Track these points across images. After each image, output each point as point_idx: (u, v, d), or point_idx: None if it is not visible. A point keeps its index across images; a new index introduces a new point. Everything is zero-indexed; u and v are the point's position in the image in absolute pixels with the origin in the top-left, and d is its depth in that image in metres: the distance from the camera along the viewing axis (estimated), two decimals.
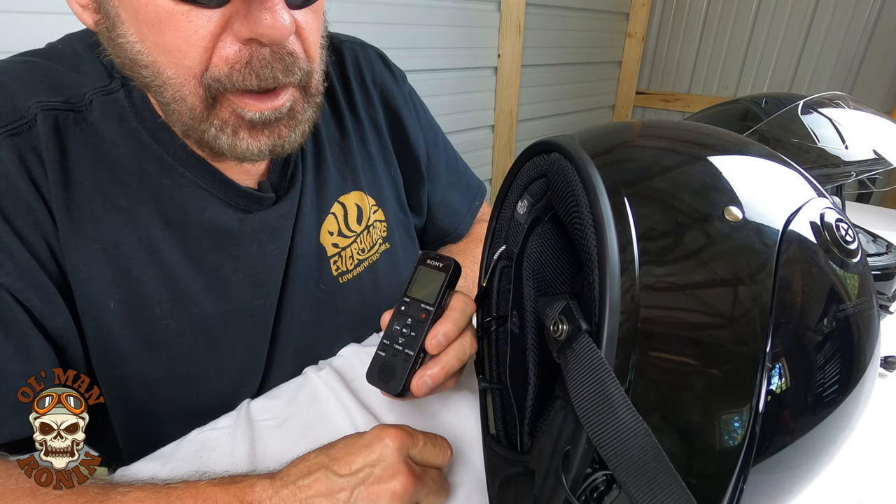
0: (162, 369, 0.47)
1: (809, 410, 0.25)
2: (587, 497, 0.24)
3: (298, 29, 0.38)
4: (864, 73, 1.83)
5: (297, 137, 0.42)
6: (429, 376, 0.40)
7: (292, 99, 0.41)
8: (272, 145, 0.41)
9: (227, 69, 0.36)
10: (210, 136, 0.39)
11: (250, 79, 0.37)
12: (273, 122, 0.40)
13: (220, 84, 0.37)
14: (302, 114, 0.42)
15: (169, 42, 0.35)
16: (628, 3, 2.25)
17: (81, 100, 0.42)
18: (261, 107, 0.39)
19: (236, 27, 0.35)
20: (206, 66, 0.36)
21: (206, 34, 0.35)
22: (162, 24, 0.34)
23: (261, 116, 0.39)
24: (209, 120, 0.39)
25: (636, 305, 0.23)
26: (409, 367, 0.40)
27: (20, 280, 0.38)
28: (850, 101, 0.65)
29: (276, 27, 0.35)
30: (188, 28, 0.34)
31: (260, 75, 0.37)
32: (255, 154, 0.41)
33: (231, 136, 0.39)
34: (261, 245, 0.49)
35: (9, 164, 0.38)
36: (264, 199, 0.48)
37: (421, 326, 0.41)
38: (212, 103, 0.38)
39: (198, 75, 0.36)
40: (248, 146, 0.40)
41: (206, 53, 0.36)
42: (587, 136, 0.32)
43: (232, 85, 0.37)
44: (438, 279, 0.43)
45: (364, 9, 1.31)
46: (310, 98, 0.43)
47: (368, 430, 0.37)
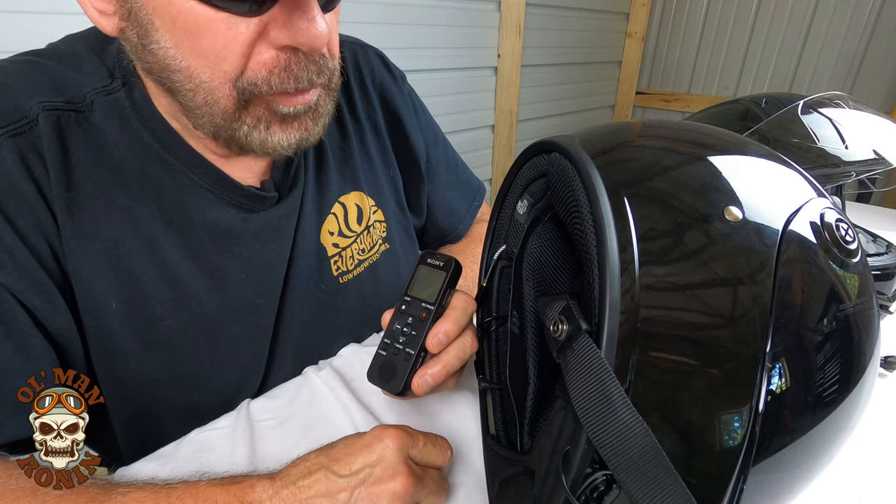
0: (163, 369, 0.47)
1: (809, 410, 0.25)
2: (587, 497, 0.24)
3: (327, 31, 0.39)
4: (864, 73, 1.83)
5: (319, 130, 0.44)
6: (430, 375, 0.40)
7: (319, 94, 0.42)
8: (300, 138, 0.42)
9: (265, 73, 0.37)
10: (242, 134, 0.40)
11: (288, 82, 0.38)
12: (301, 115, 0.41)
13: (256, 87, 0.38)
14: (324, 107, 0.44)
15: (207, 48, 0.36)
16: (628, 3, 2.25)
17: (83, 100, 0.42)
18: (294, 101, 0.40)
19: (273, 34, 0.36)
20: (242, 71, 0.37)
21: (245, 40, 0.36)
22: (201, 30, 0.35)
23: (293, 110, 0.40)
24: (241, 119, 0.40)
25: (636, 305, 0.23)
26: (409, 366, 0.40)
27: (21, 280, 0.38)
28: (850, 101, 0.65)
29: (316, 36, 0.36)
30: (227, 34, 0.35)
31: (298, 78, 0.38)
32: (284, 147, 0.42)
33: (264, 131, 0.41)
34: (263, 245, 0.49)
35: (11, 165, 0.38)
36: (267, 199, 0.48)
37: (422, 325, 0.41)
38: (244, 105, 0.39)
39: (233, 79, 0.37)
40: (280, 140, 0.41)
41: (243, 59, 0.36)
42: (587, 136, 0.32)
43: (269, 88, 0.38)
44: (439, 278, 0.43)
45: (364, 9, 1.31)
46: (330, 92, 0.44)
47: (369, 431, 0.37)
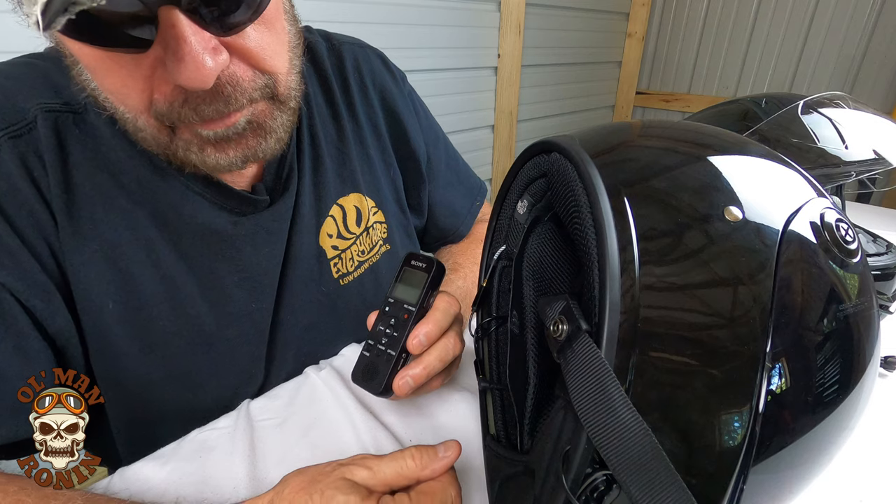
0: (160, 370, 0.47)
1: (809, 410, 0.25)
2: (587, 497, 0.24)
3: (242, 51, 0.36)
4: (864, 73, 1.83)
5: (270, 145, 0.41)
6: (410, 376, 0.40)
7: (250, 114, 0.39)
8: (243, 156, 0.40)
9: (167, 106, 0.35)
10: (180, 155, 0.39)
11: (191, 115, 0.35)
12: (234, 136, 0.38)
13: (166, 118, 0.36)
14: (271, 122, 0.40)
15: (109, 85, 0.35)
16: (628, 3, 2.25)
17: (78, 102, 0.42)
18: (213, 126, 0.37)
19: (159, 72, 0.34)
20: (150, 102, 0.35)
21: (139, 76, 0.34)
22: (97, 69, 0.34)
23: (216, 134, 0.38)
24: (174, 142, 0.38)
25: (636, 305, 0.23)
26: (390, 367, 0.41)
27: (21, 280, 0.39)
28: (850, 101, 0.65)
29: (193, 77, 0.32)
30: (121, 72, 0.34)
31: (198, 111, 0.35)
32: (225, 167, 0.40)
33: (199, 152, 0.38)
34: (256, 248, 0.49)
35: (10, 166, 0.38)
36: (258, 202, 0.48)
37: (403, 327, 0.42)
38: (171, 128, 0.37)
39: (146, 110, 0.36)
40: (218, 160, 0.39)
41: (144, 93, 0.35)
42: (587, 136, 0.32)
43: (178, 119, 0.36)
44: (421, 280, 0.43)
45: (364, 9, 1.31)
46: (280, 105, 0.41)
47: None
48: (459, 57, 1.61)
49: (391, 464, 0.33)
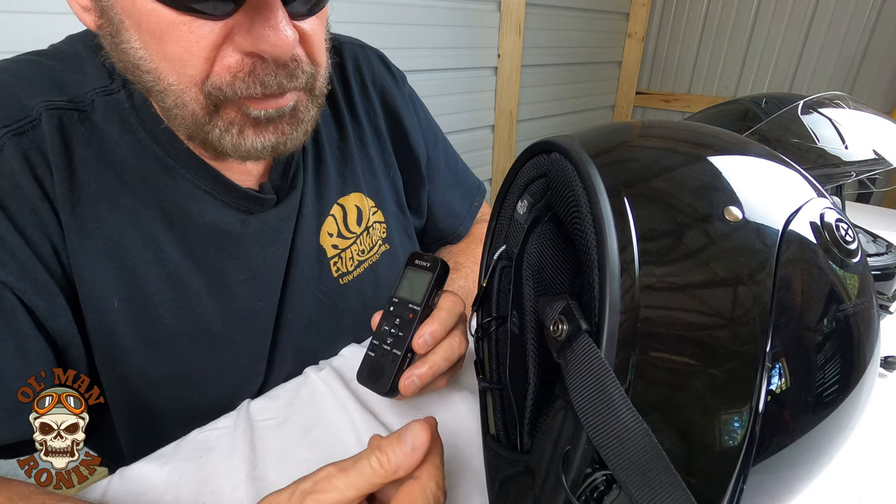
0: (163, 369, 0.47)
1: (809, 410, 0.25)
2: (587, 497, 0.24)
3: (303, 36, 0.39)
4: (864, 73, 1.83)
5: (299, 136, 0.43)
6: (416, 376, 0.40)
7: (296, 99, 0.41)
8: (275, 142, 0.41)
9: (229, 77, 0.36)
10: (214, 137, 0.39)
11: (254, 87, 0.37)
12: (276, 119, 0.40)
13: (222, 92, 0.37)
14: (305, 113, 0.42)
15: (171, 51, 0.35)
16: (628, 3, 2.25)
17: (84, 99, 0.42)
18: (265, 105, 0.39)
19: (238, 39, 0.35)
20: (208, 75, 0.36)
21: (209, 44, 0.35)
22: (164, 33, 0.34)
23: (265, 114, 0.39)
24: (213, 122, 0.39)
25: (636, 305, 0.23)
26: (396, 367, 0.41)
27: (23, 279, 0.38)
28: (850, 101, 0.65)
29: (278, 44, 0.35)
30: (190, 38, 0.34)
31: (264, 83, 0.37)
32: (258, 151, 0.41)
33: (236, 135, 0.40)
34: (262, 246, 0.49)
35: (13, 164, 0.38)
36: (265, 201, 0.48)
37: (408, 326, 0.41)
38: (214, 109, 0.38)
39: (199, 83, 0.37)
40: (253, 143, 0.40)
41: (207, 63, 0.36)
42: (587, 136, 0.32)
43: (234, 94, 0.37)
44: (425, 279, 0.43)
45: (364, 9, 1.31)
46: (314, 98, 0.43)
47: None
48: (459, 57, 1.61)
49: (358, 477, 0.29)
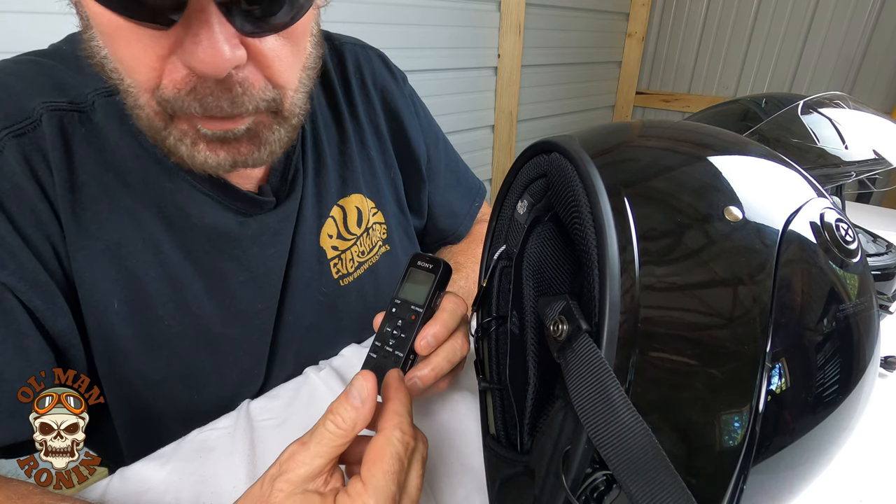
0: (163, 370, 0.47)
1: (809, 410, 0.25)
2: (587, 497, 0.24)
3: (259, 56, 0.35)
4: (864, 73, 1.83)
5: (262, 156, 0.40)
6: (418, 378, 0.40)
7: (252, 123, 0.38)
8: (233, 160, 0.39)
9: (173, 92, 0.34)
10: (170, 145, 0.38)
11: (194, 106, 0.35)
12: (231, 139, 0.38)
13: (170, 105, 0.35)
14: (269, 135, 0.40)
15: (121, 55, 0.34)
16: (628, 3, 2.25)
17: (84, 100, 0.42)
18: (213, 126, 0.37)
19: (180, 52, 0.33)
20: (157, 84, 0.35)
21: (153, 55, 0.33)
22: (114, 36, 0.33)
23: (214, 134, 0.37)
24: (168, 129, 0.37)
25: (636, 305, 0.23)
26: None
27: (23, 280, 0.38)
28: (850, 101, 0.65)
29: (207, 61, 0.32)
30: (136, 45, 0.33)
31: (203, 104, 0.35)
32: (213, 167, 0.39)
33: (190, 146, 0.38)
34: (261, 248, 0.49)
35: (14, 165, 0.38)
36: (265, 203, 0.48)
37: (410, 328, 0.41)
38: (169, 117, 0.37)
39: (151, 90, 0.35)
40: (206, 158, 0.38)
41: (154, 72, 0.34)
42: (587, 136, 0.32)
43: (180, 108, 0.35)
44: (428, 281, 0.43)
45: (364, 9, 1.31)
46: (283, 121, 0.40)
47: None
48: (460, 57, 1.61)
49: (320, 446, 0.29)
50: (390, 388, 0.34)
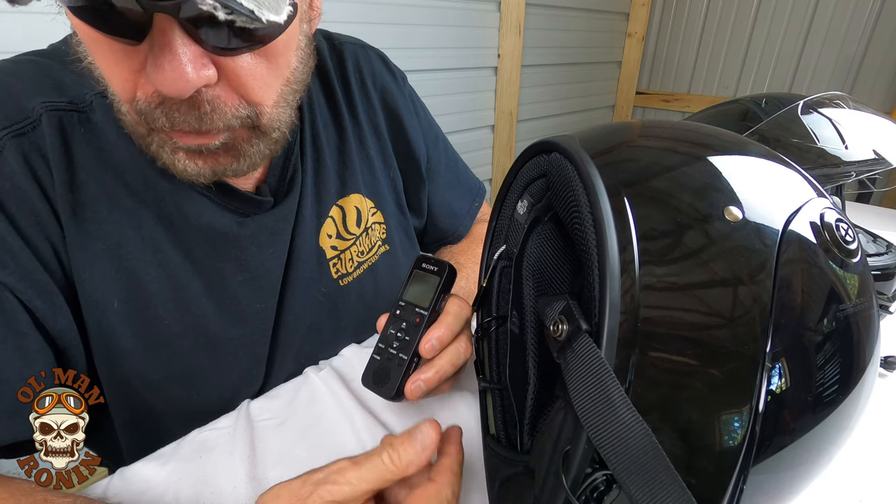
0: (163, 369, 0.47)
1: (809, 410, 0.25)
2: (587, 497, 0.24)
3: (231, 75, 0.35)
4: (864, 73, 1.83)
5: (242, 167, 0.40)
6: (422, 380, 0.40)
7: (228, 137, 0.38)
8: (212, 170, 0.39)
9: (145, 105, 0.34)
10: (154, 151, 0.38)
11: (161, 120, 0.35)
12: (206, 151, 0.38)
13: (144, 116, 0.35)
14: (247, 148, 0.39)
15: (99, 64, 0.34)
16: (628, 3, 2.25)
17: (83, 100, 0.42)
18: (185, 140, 0.36)
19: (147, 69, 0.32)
20: (132, 96, 0.35)
21: (126, 68, 0.33)
22: (92, 47, 0.33)
23: (189, 147, 0.37)
24: (150, 136, 0.37)
25: (636, 305, 0.23)
26: (402, 371, 0.40)
27: (22, 280, 0.38)
28: (850, 101, 0.65)
29: (167, 83, 0.31)
30: (111, 58, 0.33)
31: (171, 119, 0.34)
32: (193, 175, 0.39)
33: (170, 154, 0.38)
34: (260, 248, 0.49)
35: (13, 165, 0.38)
36: (263, 203, 0.48)
37: (415, 331, 0.41)
38: (149, 126, 0.37)
39: (129, 100, 0.35)
40: (186, 167, 0.38)
41: (129, 84, 0.34)
42: (587, 136, 0.32)
43: (153, 121, 0.35)
44: (433, 283, 0.43)
45: (365, 9, 1.31)
46: (261, 135, 0.40)
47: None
48: (460, 57, 1.61)
49: (370, 471, 0.30)
50: (451, 443, 0.34)
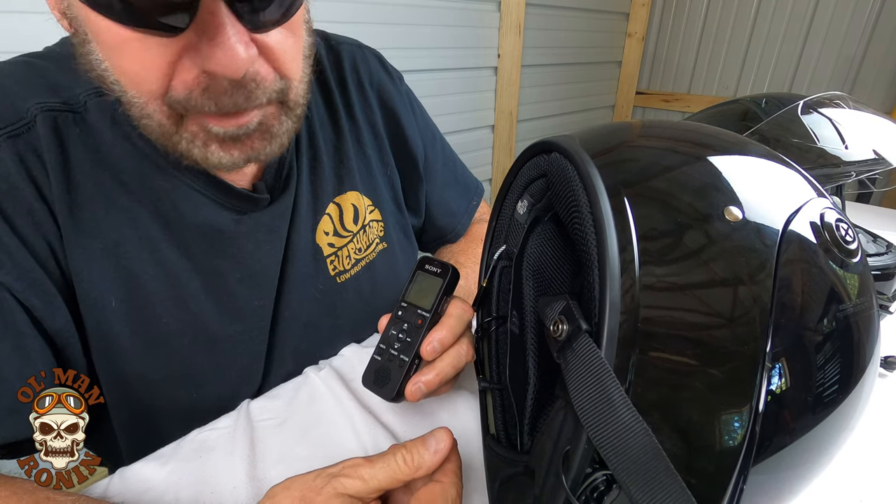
0: (162, 368, 0.47)
1: (809, 410, 0.25)
2: (587, 497, 0.24)
3: (267, 50, 0.36)
4: (864, 73, 1.83)
5: (273, 149, 0.41)
6: (423, 382, 0.40)
7: (262, 115, 0.39)
8: (246, 157, 0.40)
9: (185, 93, 0.35)
10: (183, 148, 0.38)
11: (209, 105, 0.35)
12: (242, 136, 0.38)
13: (181, 106, 0.35)
14: (278, 127, 0.40)
15: (128, 68, 0.34)
16: (628, 3, 2.25)
17: (77, 101, 0.42)
18: (225, 124, 0.37)
19: (192, 56, 0.33)
20: (167, 90, 0.35)
21: (163, 62, 0.33)
22: (119, 50, 0.33)
23: (226, 132, 0.37)
24: (179, 133, 0.37)
25: (636, 305, 0.23)
26: (403, 373, 0.40)
27: (20, 280, 0.39)
28: (850, 101, 0.65)
29: (227, 65, 0.32)
30: (144, 55, 0.33)
31: (219, 103, 0.35)
32: (227, 165, 0.39)
33: (202, 147, 0.38)
34: (256, 245, 0.49)
35: (9, 166, 0.38)
36: (259, 200, 0.48)
37: (417, 332, 0.41)
38: (179, 119, 0.37)
39: (160, 96, 0.35)
40: (220, 158, 0.39)
41: (164, 79, 0.34)
42: (587, 136, 0.32)
43: (193, 108, 0.35)
44: (436, 285, 0.43)
45: (364, 9, 1.31)
46: (289, 111, 0.41)
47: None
48: (459, 57, 1.61)
49: (383, 469, 0.32)
50: (453, 451, 0.35)
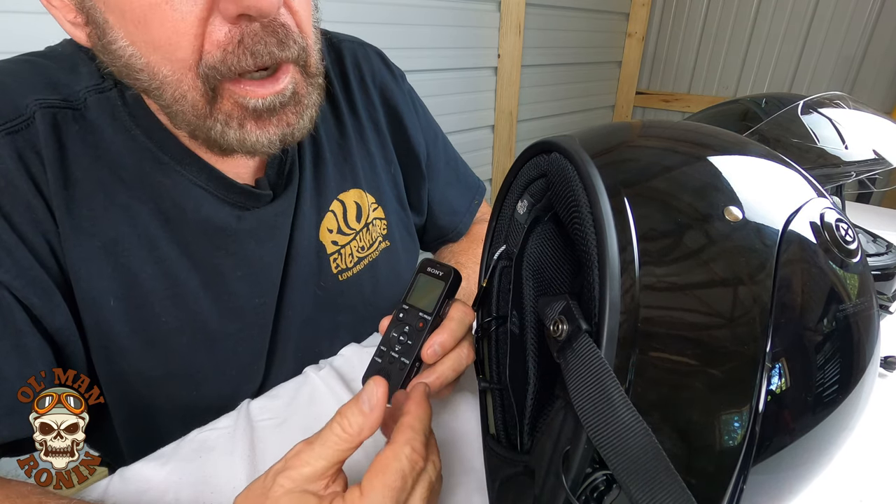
0: (161, 367, 0.47)
1: (809, 410, 0.25)
2: (587, 497, 0.24)
3: (287, 2, 0.38)
4: (864, 73, 1.83)
5: (305, 123, 0.42)
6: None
7: (294, 81, 0.40)
8: (282, 134, 0.41)
9: (220, 53, 0.35)
10: (217, 133, 0.39)
11: (245, 58, 0.36)
12: (279, 108, 0.39)
13: (217, 71, 0.36)
14: (307, 97, 0.42)
15: (158, 36, 0.35)
16: (628, 3, 2.25)
17: (77, 98, 0.42)
18: (262, 92, 0.38)
19: (223, 5, 0.34)
20: (200, 55, 0.35)
21: (194, 20, 0.34)
22: (148, 18, 0.34)
23: (264, 103, 0.38)
24: (213, 115, 0.38)
25: (636, 305, 0.23)
26: (403, 376, 0.40)
27: (19, 277, 0.38)
28: (850, 101, 0.65)
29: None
30: (174, 17, 0.34)
31: (255, 52, 0.36)
32: (265, 145, 0.40)
33: (238, 129, 0.39)
34: (259, 242, 0.49)
35: (8, 162, 0.38)
36: (262, 196, 0.48)
37: (418, 335, 0.41)
38: (213, 96, 0.37)
39: (193, 66, 0.36)
40: (258, 138, 0.39)
41: (196, 41, 0.35)
42: (587, 136, 0.32)
43: (228, 69, 0.36)
44: (438, 288, 0.43)
45: (364, 9, 1.31)
46: (311, 79, 0.42)
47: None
48: (459, 57, 1.61)
49: (324, 447, 0.29)
50: (411, 401, 0.33)
